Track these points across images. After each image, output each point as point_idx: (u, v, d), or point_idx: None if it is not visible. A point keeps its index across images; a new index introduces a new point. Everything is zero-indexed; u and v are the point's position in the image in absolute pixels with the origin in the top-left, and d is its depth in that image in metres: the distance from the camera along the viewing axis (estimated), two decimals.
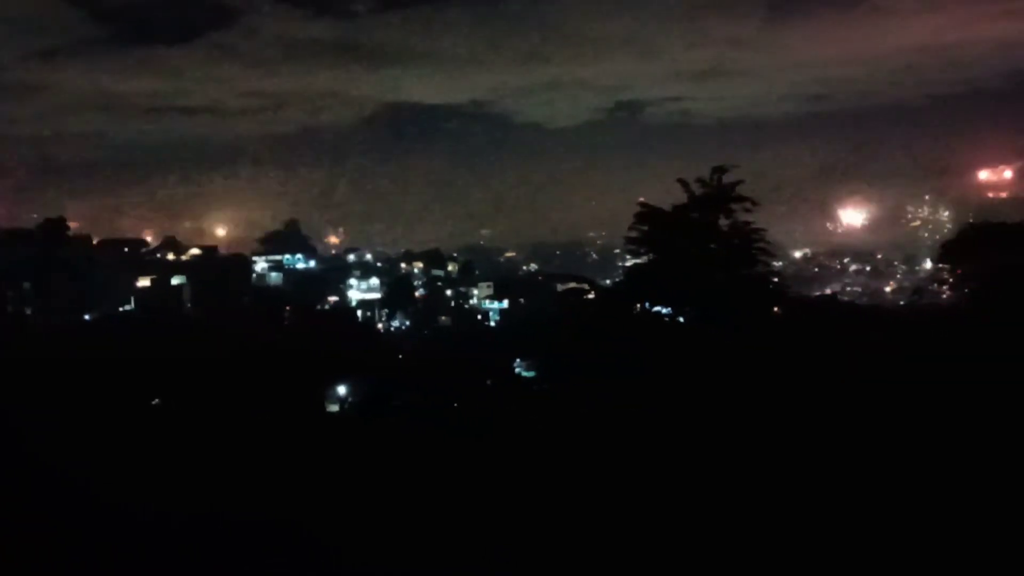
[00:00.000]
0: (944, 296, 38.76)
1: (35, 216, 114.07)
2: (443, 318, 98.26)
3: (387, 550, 11.30)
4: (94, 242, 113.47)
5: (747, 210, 24.42)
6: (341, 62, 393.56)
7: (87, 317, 73.67)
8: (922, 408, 15.89)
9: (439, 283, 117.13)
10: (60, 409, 21.42)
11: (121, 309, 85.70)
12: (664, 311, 25.75)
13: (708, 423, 16.61)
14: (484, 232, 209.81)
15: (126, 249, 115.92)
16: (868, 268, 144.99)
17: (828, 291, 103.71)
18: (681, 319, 25.34)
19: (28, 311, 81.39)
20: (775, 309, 26.83)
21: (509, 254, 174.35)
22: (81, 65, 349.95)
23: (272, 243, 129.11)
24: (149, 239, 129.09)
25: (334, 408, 41.48)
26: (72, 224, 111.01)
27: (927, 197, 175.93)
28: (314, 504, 13.00)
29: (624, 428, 17.41)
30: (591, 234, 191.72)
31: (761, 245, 24.73)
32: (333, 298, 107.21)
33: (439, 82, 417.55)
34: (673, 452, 14.91)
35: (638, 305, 26.32)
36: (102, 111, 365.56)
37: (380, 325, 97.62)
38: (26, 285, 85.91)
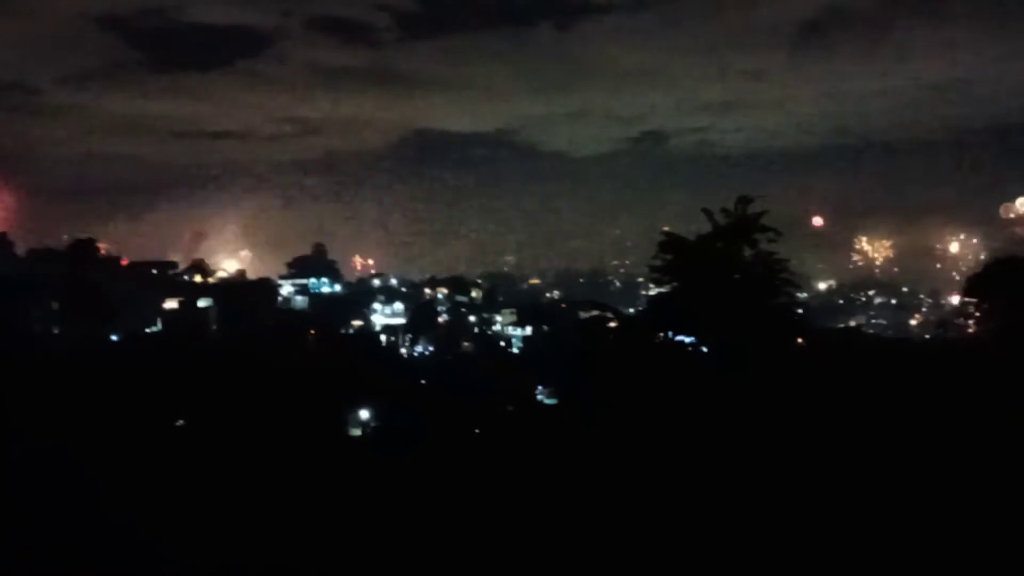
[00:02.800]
0: (970, 330, 38.42)
1: (65, 236, 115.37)
2: (466, 344, 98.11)
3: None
4: (123, 263, 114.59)
5: (771, 240, 24.41)
6: (370, 89, 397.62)
7: (114, 337, 74.23)
8: (946, 439, 15.83)
9: (463, 309, 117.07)
10: (85, 428, 21.70)
11: (148, 330, 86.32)
12: (687, 340, 25.74)
13: (727, 452, 16.61)
14: (508, 259, 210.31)
15: (154, 271, 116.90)
16: (893, 301, 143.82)
17: (852, 323, 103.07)
18: (704, 348, 25.31)
19: (55, 330, 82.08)
20: (798, 340, 26.76)
21: (533, 281, 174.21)
22: (115, 89, 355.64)
23: (298, 267, 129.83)
24: (177, 261, 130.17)
25: (356, 432, 41.60)
26: (102, 245, 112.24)
27: (953, 231, 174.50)
28: (332, 532, 13.11)
29: (643, 454, 17.42)
30: (614, 262, 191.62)
31: (785, 276, 24.70)
32: (357, 322, 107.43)
33: (466, 110, 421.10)
34: (691, 479, 14.92)
35: (661, 334, 26.32)
36: (135, 134, 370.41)
37: (403, 350, 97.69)
38: (54, 304, 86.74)
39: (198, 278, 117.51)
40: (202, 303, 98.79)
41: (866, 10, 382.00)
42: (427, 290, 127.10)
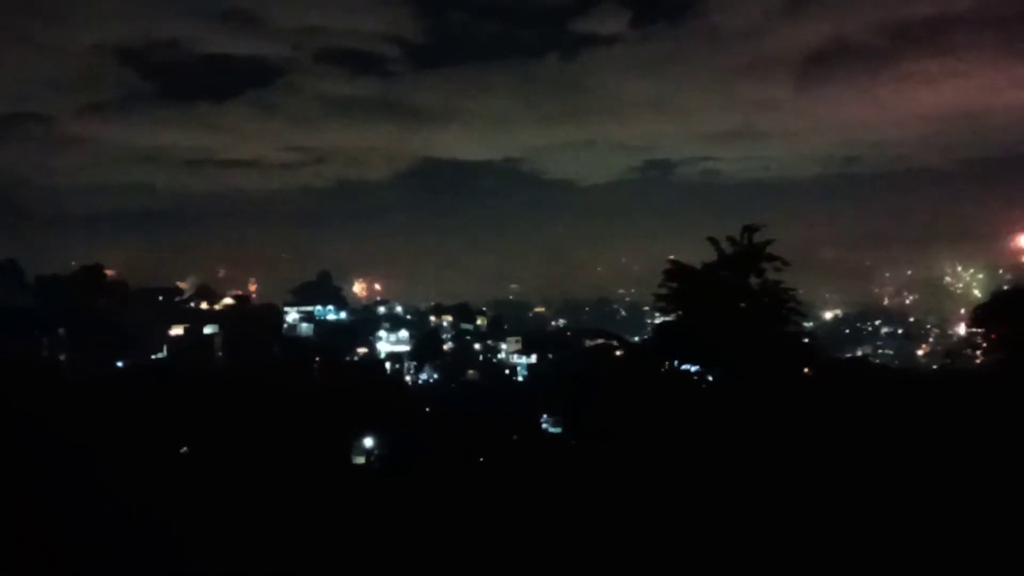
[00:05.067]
0: (977, 361, 38.18)
1: (73, 263, 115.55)
2: (471, 372, 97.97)
3: None
4: (129, 290, 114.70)
5: (777, 269, 24.37)
6: (379, 119, 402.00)
7: (120, 364, 74.20)
8: (953, 471, 15.70)
9: (468, 337, 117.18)
10: (90, 456, 21.62)
11: (153, 357, 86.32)
12: (693, 369, 25.63)
13: (734, 481, 16.48)
14: (514, 287, 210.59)
15: (160, 298, 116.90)
16: (900, 331, 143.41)
17: (860, 353, 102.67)
18: (710, 377, 25.20)
19: (62, 357, 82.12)
20: (805, 369, 26.63)
21: (538, 309, 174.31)
22: (129, 119, 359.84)
23: (304, 294, 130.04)
24: (184, 287, 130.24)
25: (360, 460, 41.42)
26: (109, 272, 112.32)
27: (960, 261, 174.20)
28: (335, 559, 13.01)
29: (648, 483, 17.30)
30: (620, 291, 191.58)
31: (791, 305, 24.62)
32: (362, 349, 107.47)
33: (473, 140, 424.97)
34: (697, 508, 14.80)
35: (667, 363, 26.22)
36: (148, 164, 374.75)
37: (408, 377, 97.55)
38: (61, 331, 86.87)
39: (204, 304, 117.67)
40: (208, 330, 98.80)
41: (871, 42, 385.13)
42: (432, 318, 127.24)
